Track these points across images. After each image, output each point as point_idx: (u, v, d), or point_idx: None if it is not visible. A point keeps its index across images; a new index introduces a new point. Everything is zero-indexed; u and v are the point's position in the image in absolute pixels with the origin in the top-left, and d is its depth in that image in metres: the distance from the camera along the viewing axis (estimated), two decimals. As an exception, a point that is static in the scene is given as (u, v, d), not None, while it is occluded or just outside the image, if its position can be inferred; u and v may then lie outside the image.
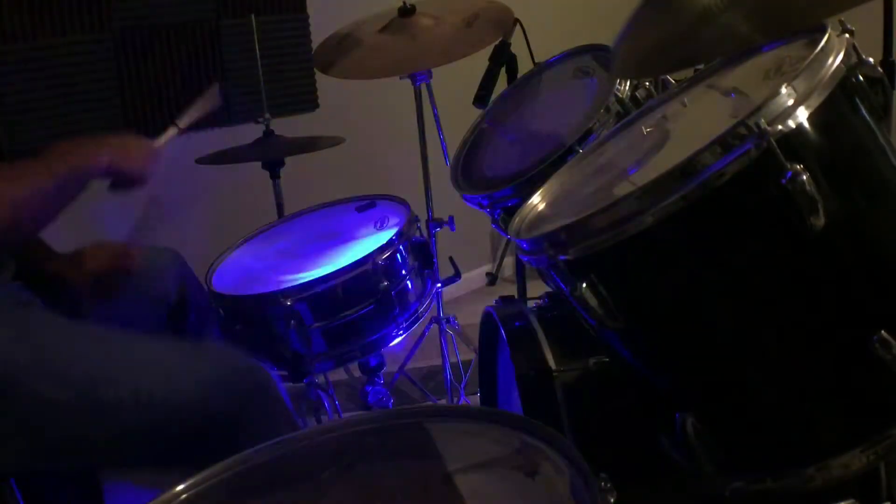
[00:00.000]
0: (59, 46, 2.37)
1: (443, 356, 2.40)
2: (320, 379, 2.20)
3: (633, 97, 1.58)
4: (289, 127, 2.37)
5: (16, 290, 1.44)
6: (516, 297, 2.19)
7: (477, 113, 1.96)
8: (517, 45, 2.10)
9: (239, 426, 1.32)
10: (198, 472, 1.01)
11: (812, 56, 1.00)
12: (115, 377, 1.30)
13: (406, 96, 2.26)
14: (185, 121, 1.73)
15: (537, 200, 1.32)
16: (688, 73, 1.44)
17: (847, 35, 1.07)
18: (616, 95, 1.57)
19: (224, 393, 1.33)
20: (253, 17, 2.26)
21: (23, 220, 1.30)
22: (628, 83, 1.59)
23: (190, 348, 1.49)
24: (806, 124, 0.98)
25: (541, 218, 1.27)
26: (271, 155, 2.28)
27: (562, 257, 1.07)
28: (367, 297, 1.66)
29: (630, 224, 0.99)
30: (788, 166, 0.94)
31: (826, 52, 1.02)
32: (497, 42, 2.06)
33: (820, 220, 0.95)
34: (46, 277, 1.53)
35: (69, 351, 1.32)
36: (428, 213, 2.29)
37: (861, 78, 1.03)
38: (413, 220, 1.82)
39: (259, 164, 2.31)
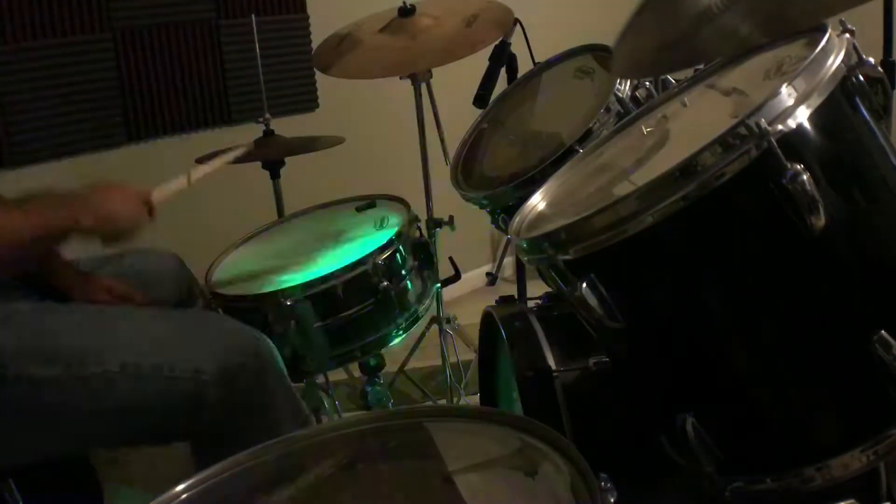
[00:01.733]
0: (59, 46, 2.37)
1: (443, 356, 2.40)
2: (320, 379, 2.20)
3: (633, 97, 1.58)
4: (289, 127, 2.37)
5: (10, 285, 1.43)
6: (516, 297, 2.20)
7: (477, 113, 1.96)
8: (517, 45, 2.10)
9: (234, 397, 1.31)
10: (198, 472, 1.01)
11: (812, 56, 1.00)
12: (101, 350, 1.29)
13: (406, 96, 2.26)
14: (198, 174, 1.58)
15: (537, 200, 1.32)
16: (688, 73, 1.44)
17: (847, 35, 1.07)
18: (616, 95, 1.57)
19: (217, 362, 1.31)
20: (253, 17, 2.26)
21: (20, 256, 1.30)
22: (628, 83, 1.59)
23: (180, 318, 1.48)
24: (806, 124, 0.98)
25: (541, 218, 1.27)
26: (271, 155, 2.28)
27: (562, 257, 1.07)
28: (367, 297, 1.66)
29: (630, 224, 0.99)
30: (788, 166, 0.94)
31: (826, 51, 1.02)
32: (497, 42, 2.06)
33: (820, 220, 0.95)
34: (52, 288, 1.52)
35: (55, 328, 1.31)
36: (428, 213, 2.29)
37: (861, 78, 1.03)
38: (413, 220, 1.82)
39: (259, 164, 2.31)
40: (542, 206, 1.31)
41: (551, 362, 1.41)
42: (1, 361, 1.24)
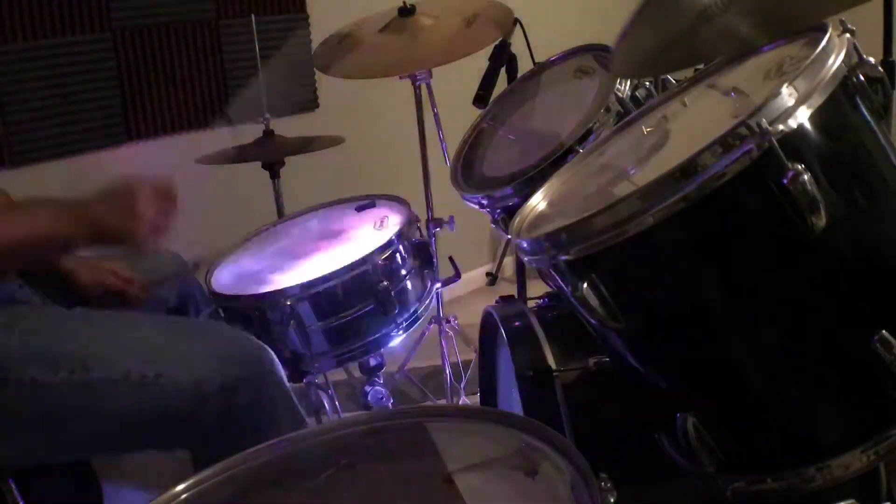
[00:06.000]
0: (59, 46, 2.37)
1: (443, 356, 2.40)
2: (320, 379, 2.20)
3: (633, 97, 1.58)
4: (289, 127, 2.37)
5: (14, 288, 1.44)
6: (516, 297, 2.20)
7: (477, 113, 1.96)
8: (517, 45, 2.10)
9: (235, 407, 1.30)
10: (198, 472, 1.01)
11: (813, 56, 1.00)
12: (105, 357, 1.28)
13: (406, 96, 2.26)
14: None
15: (537, 200, 1.32)
16: (688, 73, 1.44)
17: (848, 35, 1.07)
18: (616, 95, 1.57)
19: (218, 372, 1.31)
20: (253, 17, 2.27)
21: (15, 259, 1.29)
22: (628, 83, 1.59)
23: (184, 327, 1.47)
24: (807, 124, 0.98)
25: (541, 218, 1.27)
26: (271, 155, 2.28)
27: (562, 257, 1.07)
28: (366, 297, 1.66)
29: (631, 224, 0.99)
30: (790, 166, 0.94)
31: (827, 51, 1.02)
32: (497, 42, 2.06)
33: (821, 220, 0.95)
34: (57, 274, 1.52)
35: (59, 333, 1.31)
36: (428, 213, 2.29)
37: (862, 78, 1.03)
38: (413, 220, 1.82)
39: (259, 164, 2.31)
40: (542, 206, 1.31)
41: (551, 362, 1.41)
42: (4, 365, 1.24)
